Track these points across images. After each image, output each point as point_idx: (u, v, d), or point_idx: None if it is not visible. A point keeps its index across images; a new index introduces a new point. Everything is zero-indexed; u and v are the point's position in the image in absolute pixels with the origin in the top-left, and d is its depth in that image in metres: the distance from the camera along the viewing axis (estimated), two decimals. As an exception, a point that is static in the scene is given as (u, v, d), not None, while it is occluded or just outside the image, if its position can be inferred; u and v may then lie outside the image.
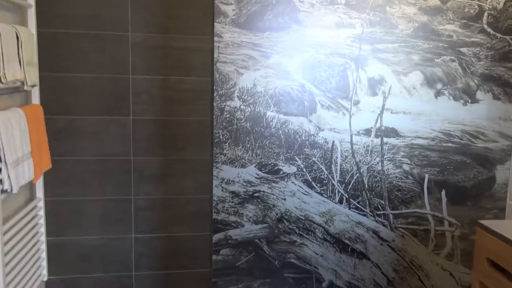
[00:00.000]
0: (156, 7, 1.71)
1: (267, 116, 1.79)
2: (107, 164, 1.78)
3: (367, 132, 1.86)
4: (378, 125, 1.86)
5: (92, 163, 1.77)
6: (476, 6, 1.86)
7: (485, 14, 1.87)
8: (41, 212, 1.77)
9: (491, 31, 1.89)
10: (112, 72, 1.73)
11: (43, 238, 1.78)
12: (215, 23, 1.72)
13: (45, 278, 1.80)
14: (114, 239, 1.83)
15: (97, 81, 1.73)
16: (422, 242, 1.94)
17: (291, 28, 1.76)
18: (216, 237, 1.80)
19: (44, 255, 1.79)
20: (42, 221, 1.78)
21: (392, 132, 1.87)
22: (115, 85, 1.74)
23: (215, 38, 1.73)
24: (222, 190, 1.79)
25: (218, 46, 1.74)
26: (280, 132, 1.80)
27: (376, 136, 1.86)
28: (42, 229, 1.78)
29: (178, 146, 1.78)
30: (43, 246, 1.79)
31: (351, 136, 1.85)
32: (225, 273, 1.83)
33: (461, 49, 1.88)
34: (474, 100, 1.91)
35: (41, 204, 1.76)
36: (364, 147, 1.86)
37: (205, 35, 1.73)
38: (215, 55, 1.73)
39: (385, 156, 1.88)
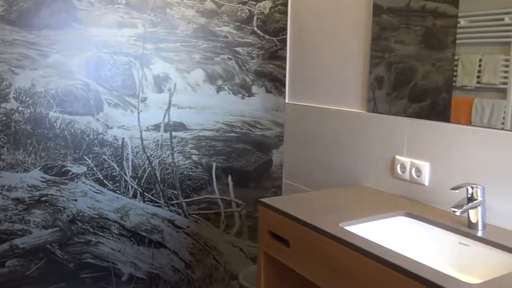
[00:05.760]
0: None
1: (50, 117, 1.73)
2: None
3: (156, 127, 1.95)
4: (166, 120, 1.96)
5: None
6: (247, 11, 2.11)
7: (255, 18, 2.13)
8: None
9: (261, 33, 2.16)
10: None
11: None
12: (-20, 19, 1.59)
13: None
14: None
15: None
16: (214, 225, 2.14)
17: (70, 27, 1.73)
18: (0, 248, 1.68)
19: None
20: None
21: (180, 126, 2.00)
22: None
23: (-18, 36, 1.60)
24: (4, 198, 1.68)
25: (-14, 44, 1.61)
26: (66, 132, 1.77)
27: (165, 130, 1.97)
28: None
29: None
30: None
31: (141, 132, 1.92)
32: (14, 285, 1.73)
33: (237, 49, 2.10)
34: (251, 94, 2.16)
35: None
36: (154, 142, 1.95)
37: (-30, 31, 1.59)
38: (-17, 54, 1.61)
39: (175, 149, 2.00)
